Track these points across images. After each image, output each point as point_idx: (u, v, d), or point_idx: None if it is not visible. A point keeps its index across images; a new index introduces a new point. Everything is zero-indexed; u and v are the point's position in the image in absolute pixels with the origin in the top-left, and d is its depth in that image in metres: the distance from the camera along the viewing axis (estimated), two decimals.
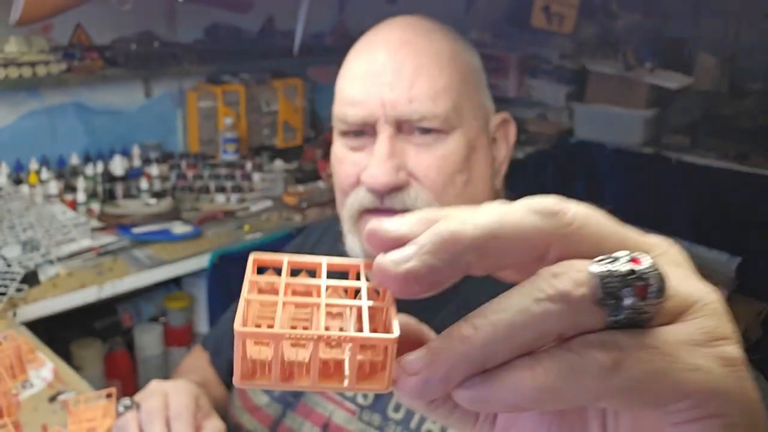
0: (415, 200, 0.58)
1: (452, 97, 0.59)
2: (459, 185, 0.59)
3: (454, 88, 0.59)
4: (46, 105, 1.61)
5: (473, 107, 0.61)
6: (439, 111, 0.58)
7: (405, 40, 0.60)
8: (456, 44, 0.63)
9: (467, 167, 0.60)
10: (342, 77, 0.64)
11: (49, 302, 1.16)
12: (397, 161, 0.58)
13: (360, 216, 0.61)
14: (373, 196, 0.59)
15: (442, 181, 0.58)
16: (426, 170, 0.58)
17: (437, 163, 0.58)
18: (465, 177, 0.60)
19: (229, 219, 1.61)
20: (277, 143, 2.05)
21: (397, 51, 0.59)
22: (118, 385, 1.46)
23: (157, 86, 1.80)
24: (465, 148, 0.59)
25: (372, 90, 0.59)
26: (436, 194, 0.59)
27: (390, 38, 0.61)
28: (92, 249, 1.35)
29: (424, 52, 0.59)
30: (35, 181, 1.50)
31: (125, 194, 1.59)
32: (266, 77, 1.97)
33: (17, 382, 0.81)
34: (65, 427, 0.71)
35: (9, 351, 0.81)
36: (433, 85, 0.58)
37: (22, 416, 0.75)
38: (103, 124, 1.72)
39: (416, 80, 0.58)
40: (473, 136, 0.61)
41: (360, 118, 0.59)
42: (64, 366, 0.88)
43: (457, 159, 0.59)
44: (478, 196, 0.62)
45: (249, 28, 1.97)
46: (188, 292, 1.54)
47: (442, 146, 0.59)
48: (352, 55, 0.65)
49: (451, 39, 0.63)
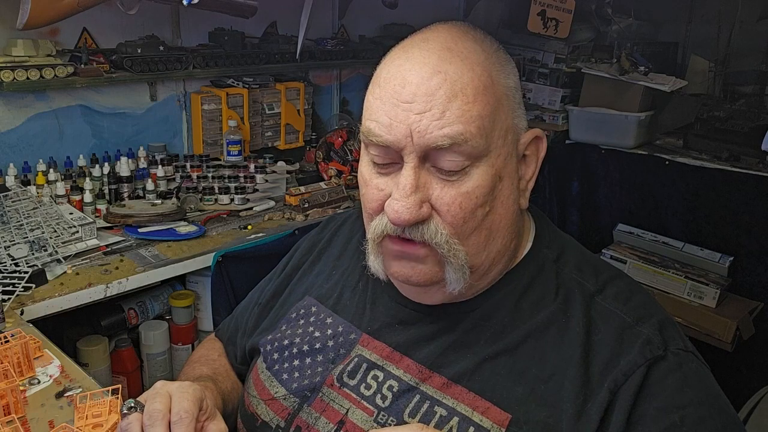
0: (435, 234, 0.59)
1: (484, 125, 0.57)
2: (479, 217, 0.59)
3: (486, 116, 0.58)
4: (54, 107, 1.63)
5: (504, 132, 0.60)
6: (471, 138, 0.57)
7: (440, 63, 0.58)
8: (495, 66, 0.60)
9: (491, 198, 0.60)
10: (372, 92, 0.62)
11: (57, 300, 1.18)
12: (420, 195, 0.58)
13: (382, 240, 0.62)
14: (395, 225, 0.59)
15: (462, 216, 0.58)
16: (448, 206, 0.58)
17: (460, 199, 0.58)
18: (487, 209, 0.60)
19: (232, 219, 1.63)
20: (280, 145, 2.07)
21: (432, 77, 0.57)
22: (124, 381, 1.49)
23: (163, 89, 1.83)
24: (490, 180, 0.59)
25: (401, 116, 0.57)
26: (455, 228, 0.59)
27: (426, 60, 0.58)
28: (99, 248, 1.38)
29: (464, 78, 0.57)
30: (43, 182, 1.52)
31: (131, 195, 1.62)
32: (269, 81, 1.99)
33: (24, 379, 0.81)
34: (72, 422, 0.72)
35: (17, 348, 0.81)
36: (466, 113, 0.57)
37: (29, 412, 0.75)
38: (109, 126, 1.74)
39: (448, 107, 0.56)
40: (501, 165, 0.60)
41: (386, 141, 0.58)
42: (71, 363, 0.89)
43: (481, 193, 0.58)
44: (497, 222, 0.61)
45: (252, 33, 2.00)
46: (193, 291, 1.57)
47: (468, 182, 0.58)
48: (386, 67, 0.61)
49: (490, 60, 0.60)
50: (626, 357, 0.59)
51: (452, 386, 0.62)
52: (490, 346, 0.63)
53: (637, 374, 0.58)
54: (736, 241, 1.93)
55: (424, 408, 0.62)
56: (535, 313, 0.63)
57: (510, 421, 0.59)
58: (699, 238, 1.99)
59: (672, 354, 0.60)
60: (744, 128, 2.07)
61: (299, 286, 0.81)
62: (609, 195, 2.24)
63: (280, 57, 1.97)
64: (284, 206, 1.72)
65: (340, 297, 0.75)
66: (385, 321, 0.69)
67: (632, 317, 0.62)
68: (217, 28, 1.91)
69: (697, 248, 1.97)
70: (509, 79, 0.62)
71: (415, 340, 0.66)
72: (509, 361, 0.62)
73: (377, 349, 0.68)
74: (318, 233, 0.86)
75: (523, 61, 2.50)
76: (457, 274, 0.61)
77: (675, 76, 2.22)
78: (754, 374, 1.73)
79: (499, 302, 0.65)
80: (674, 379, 0.58)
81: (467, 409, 0.60)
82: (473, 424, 0.60)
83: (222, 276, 1.38)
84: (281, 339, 0.75)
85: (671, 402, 0.57)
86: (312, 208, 1.69)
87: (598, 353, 0.60)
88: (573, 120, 2.30)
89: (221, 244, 1.45)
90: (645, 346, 0.59)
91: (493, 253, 0.63)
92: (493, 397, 0.60)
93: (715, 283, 1.86)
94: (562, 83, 2.42)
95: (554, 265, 0.67)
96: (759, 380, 1.63)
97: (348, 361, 0.69)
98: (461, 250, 0.60)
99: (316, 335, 0.72)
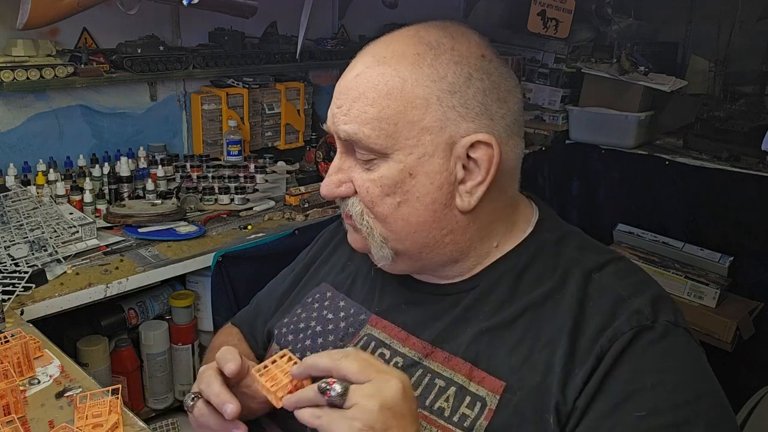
0: (352, 207, 0.68)
1: (382, 127, 0.63)
2: (390, 206, 0.65)
3: (386, 119, 0.63)
4: (54, 107, 1.63)
5: (418, 133, 0.63)
6: (364, 138, 0.63)
7: (365, 65, 0.65)
8: (422, 71, 0.63)
9: (401, 191, 0.65)
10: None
11: (57, 300, 1.18)
12: (341, 176, 0.68)
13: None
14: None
15: (370, 199, 0.66)
16: (359, 188, 0.67)
17: (368, 184, 0.66)
18: (398, 199, 0.65)
19: (232, 219, 1.63)
20: (280, 145, 2.08)
21: (354, 77, 0.65)
22: (124, 381, 1.49)
23: (163, 89, 1.83)
24: (397, 174, 0.64)
25: (333, 108, 0.67)
26: (368, 208, 0.67)
27: (360, 60, 0.66)
28: (99, 248, 1.38)
29: (371, 81, 0.64)
30: (43, 182, 1.52)
31: (131, 195, 1.62)
32: (269, 81, 1.99)
33: (24, 379, 0.81)
34: (72, 423, 0.72)
35: (17, 348, 0.81)
36: (363, 113, 0.64)
37: (29, 412, 0.75)
38: (109, 126, 1.74)
39: (353, 106, 0.64)
40: (412, 163, 0.64)
41: (327, 128, 0.69)
42: (71, 363, 0.89)
43: (385, 184, 0.65)
44: (416, 216, 0.65)
45: (252, 33, 2.00)
46: (193, 291, 1.57)
47: (377, 170, 0.65)
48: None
49: (417, 65, 0.63)
50: (614, 325, 0.61)
51: (452, 359, 0.66)
52: (489, 320, 0.66)
53: (621, 340, 0.59)
54: (736, 241, 1.94)
55: (425, 381, 0.66)
56: (533, 290, 0.66)
57: (504, 388, 0.62)
58: (699, 238, 1.99)
59: (660, 326, 0.60)
60: (744, 128, 2.07)
61: (315, 276, 0.85)
62: (609, 195, 2.24)
63: (280, 57, 1.97)
64: (284, 206, 1.72)
65: (354, 283, 0.79)
66: (393, 302, 0.73)
67: (627, 292, 0.63)
68: (217, 28, 1.91)
69: (697, 248, 1.97)
70: (441, 83, 0.63)
71: (420, 319, 0.70)
72: (506, 333, 0.65)
73: (386, 329, 0.72)
74: (337, 227, 0.90)
75: (523, 61, 2.50)
76: (378, 250, 0.69)
77: (675, 76, 2.22)
78: (754, 374, 1.72)
79: (498, 280, 0.68)
80: (657, 348, 0.59)
81: (464, 380, 0.64)
82: (469, 393, 0.63)
83: (222, 276, 1.38)
84: (297, 322, 0.79)
85: (647, 368, 0.58)
86: (312, 208, 1.69)
87: (590, 323, 0.62)
88: (573, 120, 2.30)
89: (221, 244, 1.45)
90: (633, 315, 0.61)
91: (419, 244, 0.67)
92: (489, 367, 0.63)
93: (715, 283, 1.86)
94: (562, 83, 2.42)
95: (555, 246, 0.69)
96: (759, 380, 1.63)
97: (357, 339, 0.73)
98: (376, 228, 0.67)
99: (329, 317, 0.77)
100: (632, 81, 2.15)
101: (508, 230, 0.70)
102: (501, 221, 0.70)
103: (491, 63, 0.66)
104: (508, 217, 0.70)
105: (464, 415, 0.62)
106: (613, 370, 0.58)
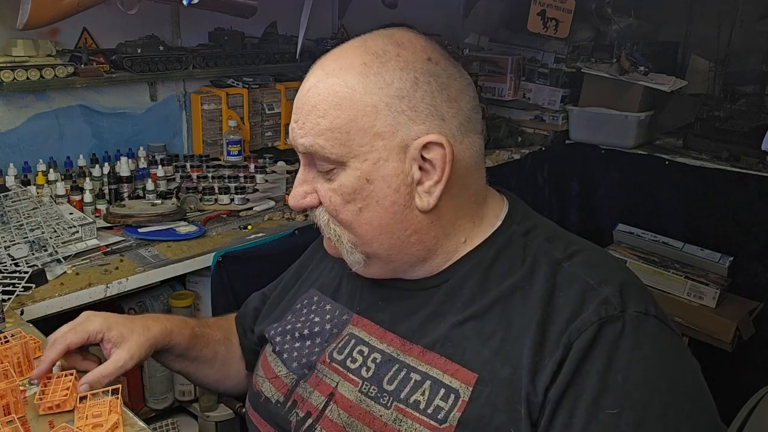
0: (319, 218, 0.71)
1: (335, 136, 0.65)
2: (352, 212, 0.68)
3: (338, 128, 0.65)
4: (54, 107, 1.63)
5: (371, 139, 0.65)
6: (320, 149, 0.66)
7: (317, 78, 0.67)
8: (368, 78, 0.65)
9: (360, 197, 0.67)
10: None
11: (57, 300, 1.18)
12: (306, 187, 0.70)
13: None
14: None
15: (334, 208, 0.68)
16: (323, 198, 0.69)
17: (330, 194, 0.68)
18: (359, 205, 0.67)
19: (232, 219, 1.64)
20: (280, 145, 2.08)
21: (309, 90, 0.67)
22: (124, 381, 1.49)
23: (163, 89, 1.83)
24: (355, 181, 0.66)
25: (292, 121, 0.69)
26: (333, 216, 0.69)
27: (315, 73, 0.68)
28: (99, 248, 1.38)
29: (321, 93, 0.66)
30: (43, 182, 1.52)
31: (131, 195, 1.62)
32: (269, 81, 1.99)
33: (24, 379, 0.81)
34: (72, 423, 0.71)
35: (17, 348, 0.81)
36: (316, 125, 0.66)
37: (29, 412, 0.75)
38: (109, 126, 1.74)
39: (307, 119, 0.67)
40: (369, 169, 0.66)
41: (290, 143, 0.72)
42: None
43: (345, 191, 0.67)
44: (378, 219, 0.67)
45: (252, 33, 2.01)
46: (193, 291, 1.57)
47: (337, 179, 0.67)
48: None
49: (364, 74, 0.65)
50: (582, 315, 0.61)
51: (427, 353, 0.68)
52: (461, 313, 0.68)
53: (589, 331, 0.60)
54: (736, 241, 1.94)
55: (401, 375, 0.68)
56: (502, 282, 0.68)
57: (477, 380, 0.63)
58: (699, 238, 2.00)
59: (629, 316, 0.61)
60: (744, 128, 2.08)
61: (305, 283, 0.88)
62: (609, 195, 2.25)
63: (280, 57, 1.97)
64: (284, 206, 1.72)
65: (339, 285, 0.81)
66: (371, 300, 0.76)
67: (596, 280, 0.64)
68: (217, 28, 1.91)
69: (697, 248, 1.98)
70: (388, 89, 0.65)
71: (396, 315, 0.72)
72: (478, 325, 0.66)
73: (366, 327, 0.74)
74: None
75: (523, 61, 2.50)
76: (348, 255, 0.71)
77: (675, 76, 2.22)
78: (754, 374, 1.73)
79: (468, 274, 0.70)
80: (626, 340, 0.60)
81: (439, 373, 0.66)
82: (444, 386, 0.65)
83: (222, 276, 1.39)
84: (285, 325, 0.82)
85: (616, 361, 0.59)
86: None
87: (559, 313, 0.63)
88: (573, 120, 2.31)
89: (221, 244, 1.45)
90: (601, 305, 0.61)
91: (386, 246, 0.69)
92: (462, 359, 0.65)
93: (715, 283, 1.86)
94: (562, 83, 2.42)
95: (522, 238, 0.71)
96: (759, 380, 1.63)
97: (340, 339, 0.75)
98: (344, 235, 0.70)
99: (316, 320, 0.79)
100: (632, 81, 2.16)
101: (476, 225, 0.72)
102: (467, 217, 0.71)
103: (438, 65, 0.67)
104: (475, 213, 0.72)
105: (438, 407, 0.64)
106: (584, 363, 0.59)
